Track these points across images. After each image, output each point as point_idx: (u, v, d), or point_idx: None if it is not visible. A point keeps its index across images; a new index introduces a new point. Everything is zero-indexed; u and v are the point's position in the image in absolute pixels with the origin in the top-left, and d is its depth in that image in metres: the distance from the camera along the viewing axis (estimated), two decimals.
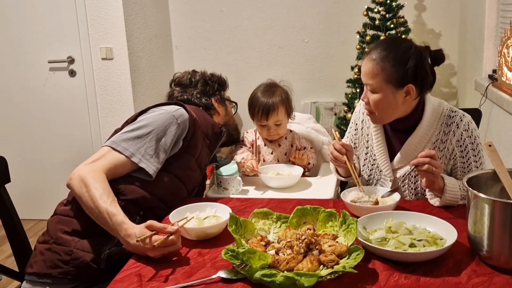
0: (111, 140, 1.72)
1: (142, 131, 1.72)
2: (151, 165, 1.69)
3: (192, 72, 2.12)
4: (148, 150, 1.69)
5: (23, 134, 3.81)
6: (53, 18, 3.60)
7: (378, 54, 1.67)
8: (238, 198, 1.90)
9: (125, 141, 1.70)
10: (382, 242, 1.37)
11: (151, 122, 1.74)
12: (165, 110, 1.80)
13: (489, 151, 1.38)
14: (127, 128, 1.76)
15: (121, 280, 1.30)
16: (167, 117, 1.76)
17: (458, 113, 1.77)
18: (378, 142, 1.87)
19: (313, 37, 4.13)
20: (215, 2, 4.17)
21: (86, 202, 1.55)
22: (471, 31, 3.54)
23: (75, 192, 1.59)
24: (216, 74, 2.15)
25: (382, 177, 1.88)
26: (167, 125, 1.74)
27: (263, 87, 2.26)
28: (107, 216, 1.49)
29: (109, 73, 3.63)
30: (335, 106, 4.09)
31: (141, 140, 1.70)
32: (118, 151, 1.67)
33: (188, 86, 2.07)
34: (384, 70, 1.65)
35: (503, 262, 1.25)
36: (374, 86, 1.68)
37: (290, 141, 2.30)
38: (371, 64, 1.68)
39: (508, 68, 2.73)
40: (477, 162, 1.76)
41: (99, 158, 1.66)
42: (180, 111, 1.80)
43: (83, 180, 1.56)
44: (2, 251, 3.30)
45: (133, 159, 1.67)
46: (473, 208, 1.28)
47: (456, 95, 3.99)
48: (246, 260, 1.25)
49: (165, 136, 1.73)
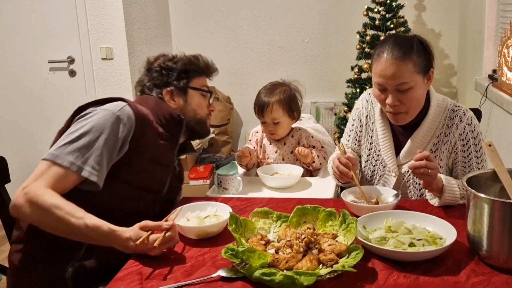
0: (52, 153, 1.50)
1: (87, 138, 1.51)
2: (102, 176, 1.52)
3: (157, 57, 1.87)
4: (96, 160, 1.50)
5: (23, 134, 3.81)
6: (53, 18, 3.60)
7: (399, 51, 1.66)
8: (238, 197, 1.90)
9: (70, 153, 1.49)
10: (381, 241, 1.37)
11: (94, 127, 1.53)
12: (107, 110, 1.58)
13: (489, 151, 1.39)
14: (69, 137, 1.53)
15: (122, 278, 1.31)
16: (111, 119, 1.55)
17: (462, 108, 1.80)
18: (384, 138, 1.86)
19: (313, 37, 4.14)
20: (215, 2, 4.18)
21: (52, 225, 1.43)
22: (471, 31, 3.54)
23: (29, 219, 1.48)
24: (186, 59, 1.85)
25: (386, 173, 1.88)
26: (112, 128, 1.55)
27: (268, 85, 2.28)
28: (90, 232, 1.40)
29: (109, 73, 3.63)
30: (335, 106, 4.10)
31: (87, 149, 1.50)
32: (62, 166, 1.47)
33: (145, 73, 1.87)
34: (414, 62, 1.66)
35: (502, 261, 1.25)
36: (409, 83, 1.67)
37: (297, 139, 2.29)
38: (397, 63, 1.65)
39: (508, 68, 2.73)
40: (479, 158, 1.76)
41: (41, 175, 1.47)
42: (124, 110, 1.59)
43: (36, 203, 1.42)
44: (2, 251, 3.30)
45: (82, 173, 1.48)
46: (472, 208, 1.28)
47: (456, 95, 3.99)
48: (245, 259, 1.25)
49: (111, 141, 1.54)
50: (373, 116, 1.91)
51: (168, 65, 1.81)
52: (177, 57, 1.84)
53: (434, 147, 1.80)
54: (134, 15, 3.65)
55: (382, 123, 1.87)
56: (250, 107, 2.33)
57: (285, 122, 2.23)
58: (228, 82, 4.10)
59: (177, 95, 1.81)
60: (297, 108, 2.26)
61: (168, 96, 1.80)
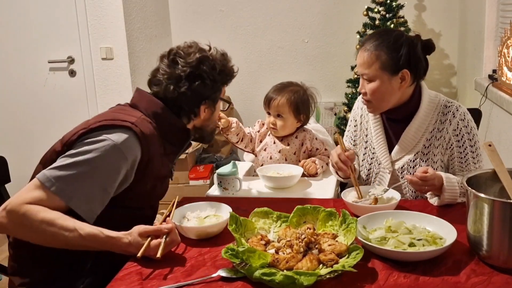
0: (44, 174, 1.40)
1: (83, 169, 1.41)
2: (90, 211, 1.43)
3: (201, 60, 1.60)
4: (87, 193, 1.42)
5: (23, 134, 3.81)
6: (53, 18, 3.60)
7: (371, 44, 1.74)
8: (238, 197, 1.90)
9: (61, 180, 1.39)
10: (381, 241, 1.37)
11: (94, 158, 1.42)
12: (109, 140, 1.44)
13: (489, 151, 1.39)
14: (64, 161, 1.42)
15: (122, 278, 1.31)
16: (113, 153, 1.43)
17: (454, 104, 1.81)
18: (377, 134, 1.89)
19: (313, 37, 4.13)
20: (215, 2, 4.18)
21: (45, 241, 1.39)
22: (471, 31, 3.54)
23: (18, 236, 1.44)
24: (224, 62, 1.68)
25: (381, 170, 1.89)
26: (113, 163, 1.44)
27: (285, 82, 2.28)
28: (86, 242, 1.36)
29: (109, 73, 3.63)
30: (335, 106, 4.09)
31: (80, 179, 1.41)
32: (51, 191, 1.38)
33: (178, 79, 1.59)
34: (379, 58, 1.72)
35: (502, 261, 1.25)
36: (370, 74, 1.74)
37: (301, 140, 2.26)
38: (366, 54, 1.74)
39: (508, 68, 2.73)
40: (474, 153, 1.78)
41: (27, 193, 1.40)
42: (128, 141, 1.47)
43: (23, 223, 1.36)
44: (2, 251, 3.29)
45: (70, 204, 1.40)
46: (472, 208, 1.28)
47: (456, 95, 3.99)
48: (245, 259, 1.25)
49: (110, 177, 1.44)
50: (367, 115, 1.94)
51: (213, 77, 1.63)
52: (215, 60, 1.65)
53: (427, 143, 1.81)
54: (134, 15, 3.65)
55: (375, 120, 1.90)
56: (250, 107, 2.33)
57: (289, 120, 2.19)
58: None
59: (208, 106, 1.67)
60: (305, 111, 2.22)
61: (204, 110, 1.66)
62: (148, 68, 3.83)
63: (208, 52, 1.66)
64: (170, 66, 1.61)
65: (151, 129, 1.55)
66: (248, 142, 2.29)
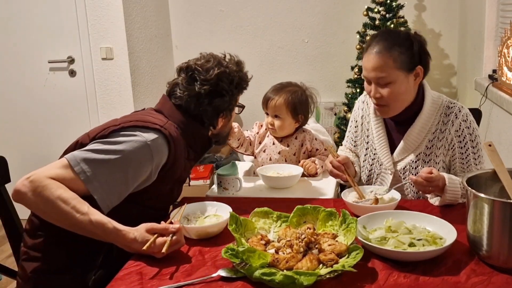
0: (73, 154, 1.47)
1: (110, 156, 1.46)
2: (106, 199, 1.46)
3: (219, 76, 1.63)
4: (108, 181, 1.45)
5: (23, 134, 3.81)
6: (53, 18, 3.60)
7: (380, 45, 1.70)
8: (239, 197, 1.90)
9: (86, 161, 1.44)
10: (381, 241, 1.37)
11: (123, 150, 1.47)
12: (141, 137, 1.50)
13: (489, 151, 1.39)
14: (95, 146, 1.49)
15: (122, 278, 1.31)
16: (142, 149, 1.48)
17: (457, 105, 1.81)
18: (379, 135, 1.88)
19: (313, 37, 4.13)
20: (215, 2, 4.18)
21: (56, 217, 1.41)
22: (471, 31, 3.54)
23: (31, 207, 1.45)
24: (240, 73, 1.71)
25: (383, 171, 1.89)
26: (140, 159, 1.49)
27: (284, 82, 2.27)
28: (94, 228, 1.38)
29: (109, 73, 3.63)
30: (335, 106, 4.09)
31: (105, 165, 1.45)
32: (75, 170, 1.43)
33: (198, 96, 1.63)
34: (394, 58, 1.68)
35: (502, 261, 1.25)
36: (387, 77, 1.70)
37: (301, 141, 2.26)
38: (377, 57, 1.69)
39: (508, 68, 2.73)
40: (476, 154, 1.77)
41: (52, 169, 1.45)
42: (157, 142, 1.52)
43: (41, 194, 1.39)
44: (2, 251, 3.30)
45: (88, 186, 1.43)
46: (472, 208, 1.28)
47: (456, 95, 3.99)
48: (246, 259, 1.25)
49: (133, 171, 1.49)
50: (368, 116, 1.93)
51: (232, 91, 1.67)
52: (232, 73, 1.67)
53: (429, 144, 1.81)
54: (134, 15, 3.65)
55: (376, 121, 1.89)
56: (250, 107, 2.32)
57: (287, 121, 2.19)
58: None
59: (225, 116, 1.74)
60: (304, 112, 2.22)
61: (221, 120, 1.73)
62: (148, 68, 3.85)
63: (224, 64, 1.68)
64: (189, 83, 1.65)
65: (178, 134, 1.61)
66: (247, 146, 2.30)
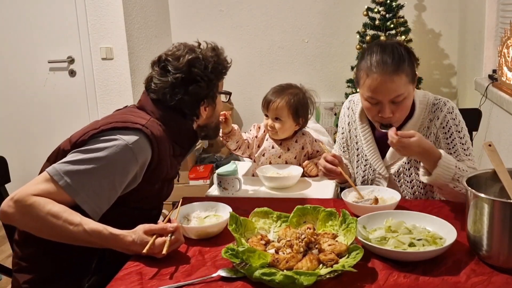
0: (54, 167, 1.42)
1: (93, 165, 1.42)
2: (96, 208, 1.43)
3: (191, 62, 1.59)
4: (96, 190, 1.42)
5: (23, 134, 3.81)
6: (53, 18, 3.60)
7: (390, 66, 1.62)
8: (238, 197, 1.90)
9: (70, 174, 1.40)
10: (381, 241, 1.37)
11: (105, 157, 1.43)
12: (122, 140, 1.46)
13: (489, 151, 1.39)
14: (75, 156, 1.44)
15: (122, 278, 1.31)
16: (125, 153, 1.45)
17: (442, 99, 1.79)
18: (367, 142, 1.87)
19: (313, 37, 4.14)
20: (215, 2, 4.18)
21: (49, 233, 1.39)
22: (471, 31, 3.54)
23: (22, 227, 1.43)
24: (215, 58, 1.65)
25: (376, 176, 1.88)
26: (124, 163, 1.45)
27: (283, 84, 2.25)
28: (90, 237, 1.37)
29: (109, 73, 3.63)
30: (335, 106, 4.10)
31: (90, 175, 1.42)
32: (59, 184, 1.40)
33: (172, 86, 1.58)
34: (406, 73, 1.65)
35: (502, 261, 1.25)
36: (404, 93, 1.65)
37: (301, 144, 2.24)
38: (391, 78, 1.62)
39: (508, 68, 2.73)
40: (464, 145, 1.74)
41: (36, 185, 1.41)
42: (139, 143, 1.48)
43: (30, 213, 1.36)
44: (2, 251, 3.29)
45: (76, 199, 1.40)
46: (472, 208, 1.28)
47: (456, 95, 3.99)
48: (245, 259, 1.25)
49: (119, 176, 1.46)
50: (354, 122, 1.91)
51: (207, 76, 1.61)
52: (206, 58, 1.63)
53: None
54: (134, 15, 3.65)
55: (363, 128, 1.88)
56: (250, 107, 2.33)
57: (287, 123, 2.17)
58: (228, 82, 4.10)
59: (208, 105, 1.67)
60: (304, 115, 2.20)
61: (204, 109, 1.66)
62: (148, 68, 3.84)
63: (197, 51, 1.64)
64: (162, 74, 1.62)
65: (161, 131, 1.57)
66: (245, 149, 2.28)
